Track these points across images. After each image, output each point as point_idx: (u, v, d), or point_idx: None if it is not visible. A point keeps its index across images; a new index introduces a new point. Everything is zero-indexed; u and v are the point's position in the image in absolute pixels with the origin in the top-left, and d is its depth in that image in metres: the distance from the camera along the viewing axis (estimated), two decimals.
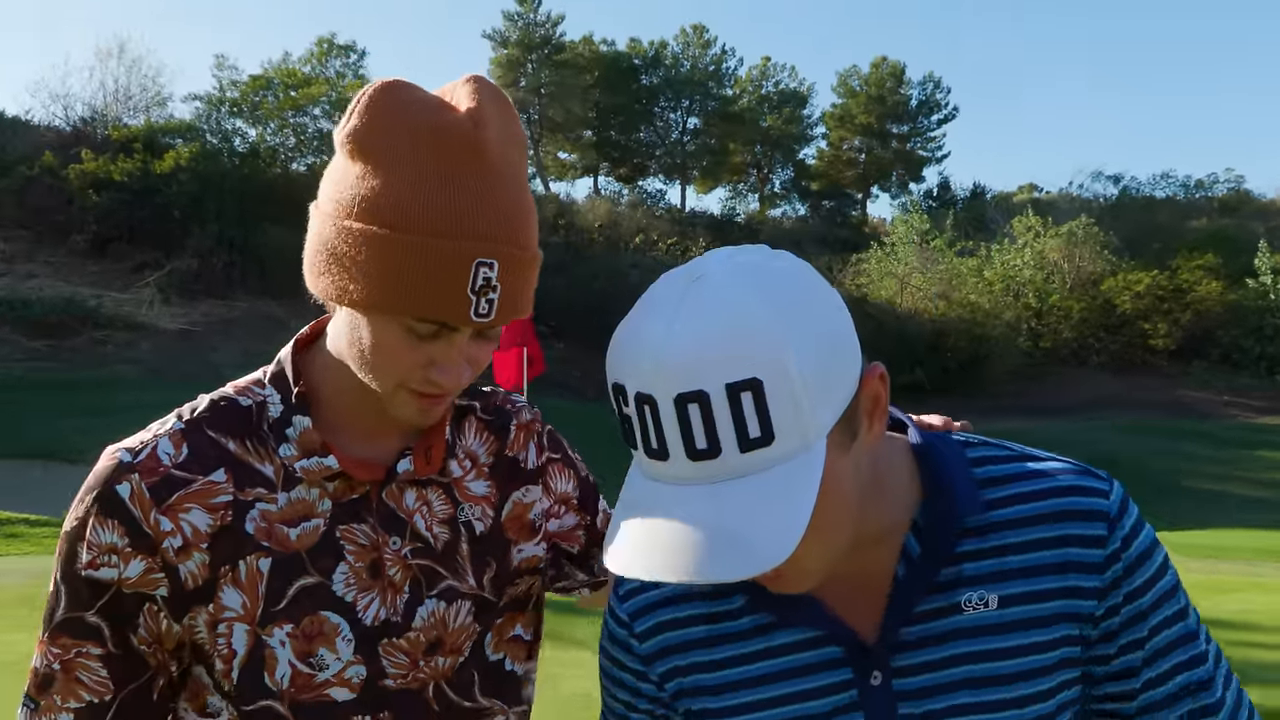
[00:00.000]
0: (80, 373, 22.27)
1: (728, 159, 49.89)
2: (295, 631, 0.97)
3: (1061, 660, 0.89)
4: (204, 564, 0.95)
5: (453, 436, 1.09)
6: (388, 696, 1.00)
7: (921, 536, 0.89)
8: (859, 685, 0.91)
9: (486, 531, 1.08)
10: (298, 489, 0.99)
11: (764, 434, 0.73)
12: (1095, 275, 37.82)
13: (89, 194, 28.12)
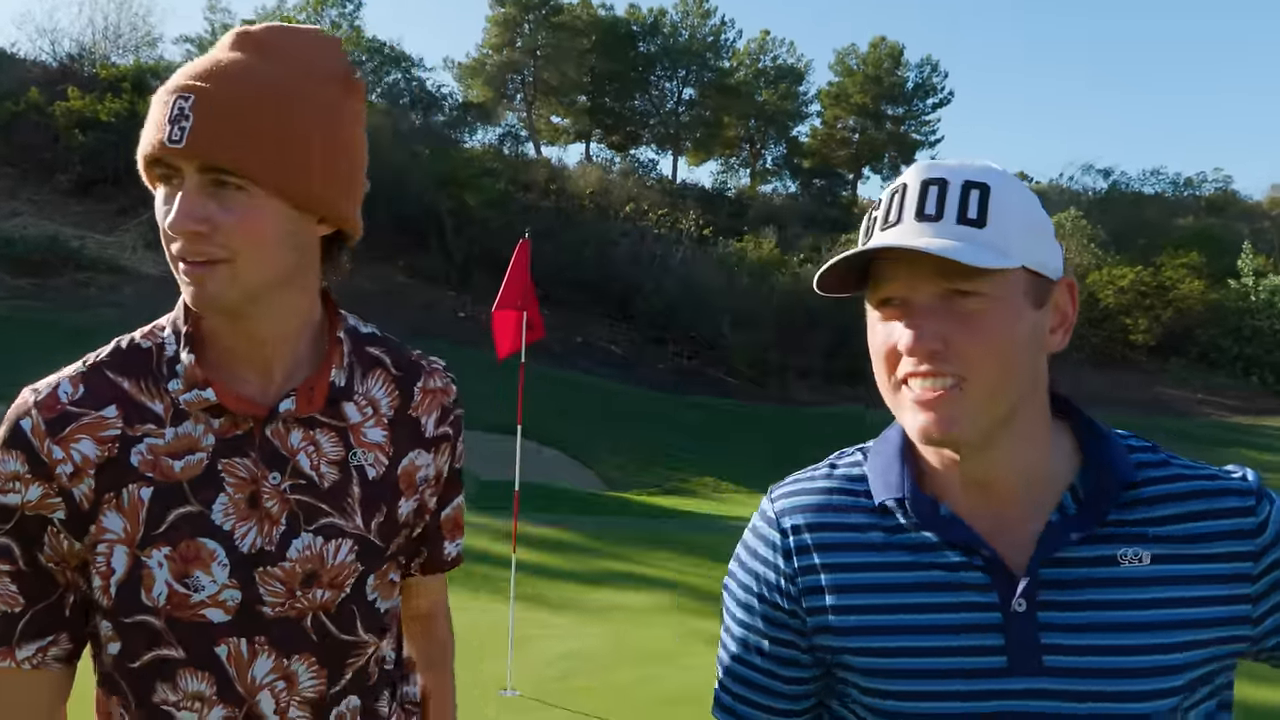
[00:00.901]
0: (63, 313, 22.05)
1: (721, 132, 49.61)
2: (173, 554, 1.04)
3: (1220, 619, 0.97)
4: (91, 489, 1.04)
5: (357, 383, 1.16)
6: (265, 622, 1.07)
7: (1078, 496, 0.99)
8: (1002, 610, 0.97)
9: (379, 478, 1.15)
10: (185, 425, 1.07)
11: (979, 219, 0.94)
12: (1081, 268, 38.02)
13: (75, 133, 27.64)
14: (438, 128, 35.35)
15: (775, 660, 1.09)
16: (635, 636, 6.78)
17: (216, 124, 0.98)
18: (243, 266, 1.02)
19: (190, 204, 1.00)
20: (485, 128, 41.66)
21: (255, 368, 1.10)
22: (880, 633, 1.01)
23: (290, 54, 1.05)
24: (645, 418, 23.46)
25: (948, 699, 0.98)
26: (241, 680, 1.07)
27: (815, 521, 1.07)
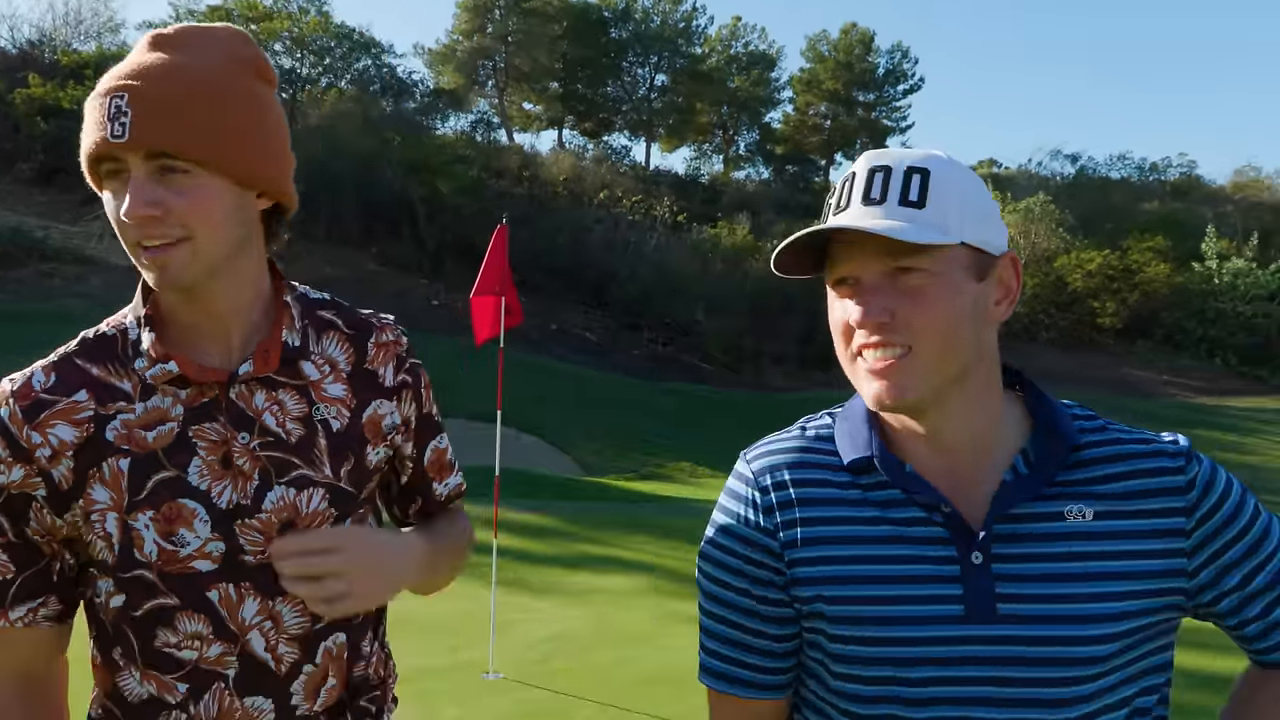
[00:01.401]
0: (27, 304, 21.72)
1: (694, 118, 49.57)
2: (156, 516, 1.14)
3: (1158, 571, 1.05)
4: (70, 469, 1.14)
5: (312, 343, 1.24)
6: (248, 569, 1.17)
7: (1029, 459, 1.08)
8: (961, 563, 1.05)
9: (343, 429, 1.23)
10: (154, 399, 1.16)
11: (919, 200, 1.02)
12: (1049, 252, 38.45)
13: (36, 121, 27.21)
14: (409, 114, 35.07)
15: (762, 619, 1.13)
16: (615, 619, 6.83)
17: (154, 115, 1.06)
18: (200, 243, 1.11)
19: (141, 191, 1.07)
20: (457, 114, 41.41)
21: (215, 339, 1.19)
22: (849, 582, 1.08)
23: (209, 48, 1.13)
24: (621, 404, 23.50)
25: (910, 644, 1.05)
26: (233, 620, 1.17)
27: (792, 478, 1.13)
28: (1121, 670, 1.05)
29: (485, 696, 5.04)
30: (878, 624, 1.06)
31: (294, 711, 1.21)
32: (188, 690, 1.17)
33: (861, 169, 1.07)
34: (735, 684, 1.15)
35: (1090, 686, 1.03)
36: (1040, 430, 1.09)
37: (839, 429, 1.14)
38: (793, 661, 1.16)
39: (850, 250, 1.05)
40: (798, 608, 1.11)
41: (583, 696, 5.11)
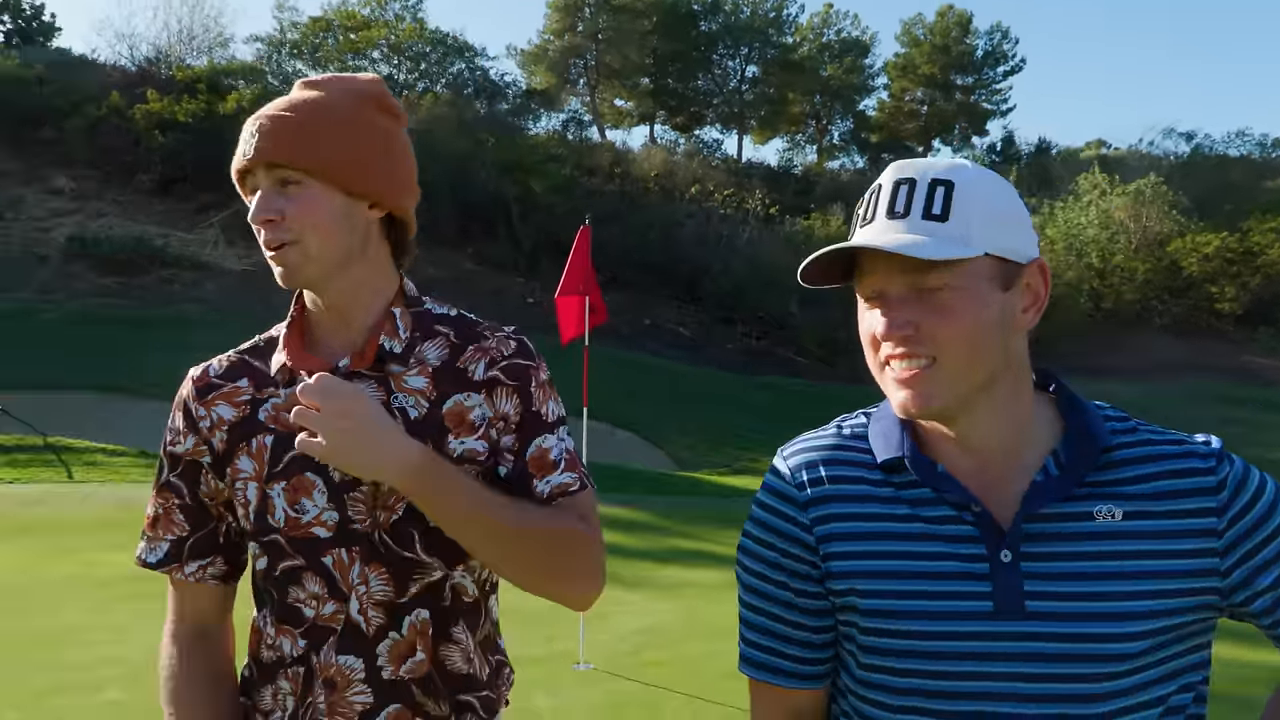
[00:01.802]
0: (150, 310, 22.92)
1: (786, 109, 49.06)
2: (287, 486, 1.32)
3: (1189, 571, 1.06)
4: (224, 440, 1.36)
5: (414, 349, 1.36)
6: (357, 536, 1.32)
7: (1060, 460, 1.09)
8: (990, 560, 1.07)
9: (421, 418, 1.33)
10: (294, 387, 1.32)
11: (942, 213, 1.04)
12: (1162, 236, 36.76)
13: (154, 134, 28.62)
14: (502, 116, 35.67)
15: (801, 611, 1.16)
16: (705, 612, 6.86)
17: (273, 135, 1.27)
18: (309, 245, 1.29)
19: (264, 200, 1.28)
20: (549, 114, 41.90)
21: (338, 337, 1.37)
22: (882, 577, 1.10)
23: (337, 87, 1.34)
24: (715, 398, 23.48)
25: (940, 639, 1.07)
26: (344, 581, 1.32)
27: (827, 475, 1.15)
28: (1154, 668, 1.05)
29: (576, 687, 5.15)
30: (908, 618, 1.08)
31: (380, 673, 1.32)
32: (307, 645, 1.33)
33: (888, 181, 1.08)
34: (775, 673, 1.19)
35: (1120, 683, 1.03)
36: (1072, 432, 1.10)
37: (873, 428, 1.16)
38: (830, 653, 1.18)
39: (875, 264, 1.07)
40: (832, 600, 1.14)
41: (671, 688, 5.17)
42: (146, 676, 5.08)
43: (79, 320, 21.45)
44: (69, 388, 16.99)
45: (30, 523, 9.40)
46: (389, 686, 1.33)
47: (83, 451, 13.12)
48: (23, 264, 23.89)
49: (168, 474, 1.40)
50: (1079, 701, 1.03)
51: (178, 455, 1.39)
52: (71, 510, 10.05)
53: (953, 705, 1.07)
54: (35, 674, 5.08)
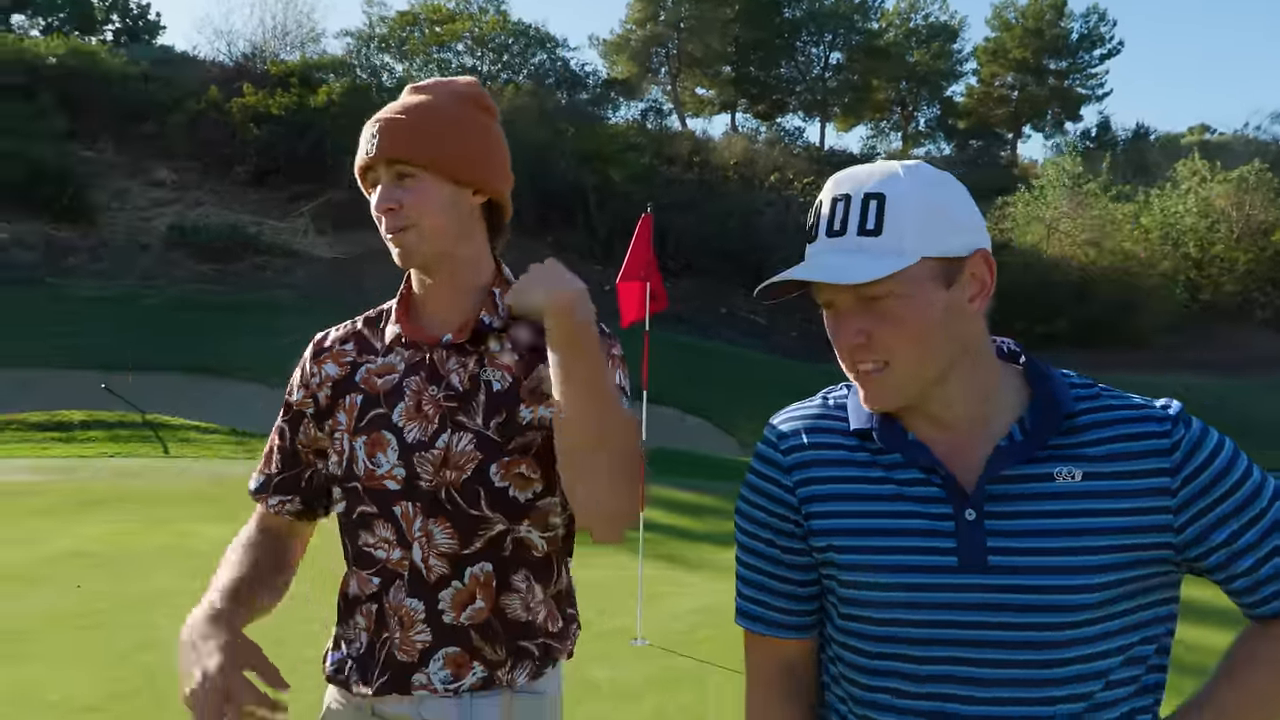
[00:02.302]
0: (244, 295, 23.88)
1: (870, 96, 48.36)
2: (367, 441, 1.50)
3: (1144, 527, 1.12)
4: (328, 396, 1.55)
5: (508, 327, 1.52)
6: (421, 492, 1.47)
7: (1025, 426, 1.16)
8: (956, 519, 1.15)
9: (502, 390, 1.49)
10: (390, 356, 1.53)
11: (876, 228, 1.11)
12: (1266, 225, 35.14)
13: (250, 127, 29.73)
14: (582, 105, 36.00)
15: (787, 566, 1.26)
16: None
17: (392, 135, 1.46)
18: (424, 229, 1.46)
19: (384, 192, 1.47)
20: (629, 103, 42.12)
21: (442, 312, 1.53)
22: (858, 534, 1.19)
23: (441, 89, 1.52)
24: (785, 386, 23.36)
25: (910, 590, 1.15)
26: (409, 531, 1.48)
27: (809, 441, 1.25)
28: (1115, 620, 1.12)
29: (632, 661, 5.29)
30: (881, 571, 1.16)
31: (441, 616, 1.47)
32: (379, 584, 1.49)
33: (826, 198, 1.16)
34: (766, 624, 1.29)
35: (1079, 632, 1.10)
36: (1037, 399, 1.17)
37: (852, 400, 1.25)
38: (815, 605, 1.28)
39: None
40: (814, 556, 1.24)
41: (725, 666, 5.27)
42: None
43: (177, 305, 22.49)
44: (165, 369, 17.85)
45: (128, 494, 9.96)
46: (449, 630, 1.46)
47: (178, 429, 13.81)
48: (127, 252, 25.14)
49: (280, 419, 1.60)
50: (1040, 649, 1.10)
51: (290, 404, 1.58)
52: (167, 484, 10.62)
53: (923, 651, 1.14)
54: (125, 632, 5.44)
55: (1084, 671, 1.11)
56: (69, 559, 7.15)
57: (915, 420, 1.19)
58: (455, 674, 1.47)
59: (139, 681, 4.64)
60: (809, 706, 1.30)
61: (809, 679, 1.31)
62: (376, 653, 1.50)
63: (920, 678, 1.15)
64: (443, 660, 1.47)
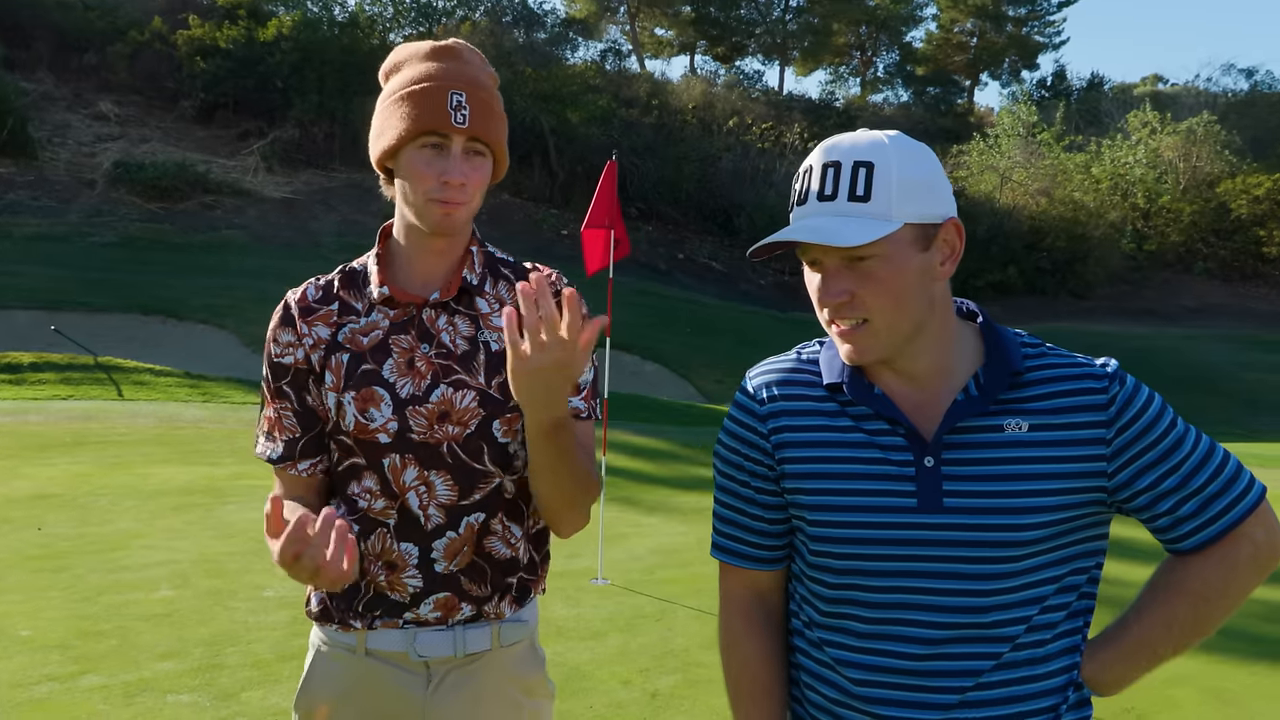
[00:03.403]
0: (193, 235, 23.40)
1: (830, 40, 48.04)
2: (356, 397, 1.55)
3: (1082, 472, 1.26)
4: (321, 357, 1.58)
5: (488, 285, 1.61)
6: (413, 445, 1.54)
7: (980, 382, 1.28)
8: (916, 465, 1.27)
9: (501, 350, 1.56)
10: (372, 315, 1.58)
11: (865, 194, 1.21)
12: (1212, 176, 35.88)
13: (196, 60, 28.82)
14: (540, 45, 35.38)
15: (759, 505, 1.39)
16: None
17: (479, 113, 1.50)
18: (474, 204, 1.54)
19: (458, 165, 1.50)
20: (587, 43, 41.48)
21: (422, 273, 1.59)
22: (826, 478, 1.31)
23: (477, 60, 1.58)
24: (743, 333, 23.64)
25: (872, 528, 1.29)
26: (395, 483, 1.54)
27: (783, 393, 1.37)
28: (1052, 553, 1.26)
29: (593, 598, 5.47)
30: (846, 511, 1.29)
31: (434, 564, 1.55)
32: (359, 531, 1.56)
33: (817, 164, 1.26)
34: (739, 557, 1.42)
35: (1022, 564, 1.25)
36: (991, 358, 1.29)
37: (824, 355, 1.37)
38: (784, 540, 1.41)
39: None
40: (785, 497, 1.36)
41: (685, 604, 5.47)
42: (195, 577, 5.50)
43: (125, 244, 21.99)
44: (115, 309, 17.53)
45: (84, 437, 9.88)
46: (439, 577, 1.55)
47: (131, 371, 13.63)
48: (70, 188, 24.42)
49: (279, 382, 1.60)
50: (987, 580, 1.24)
51: (287, 365, 1.58)
52: (122, 427, 10.54)
53: (883, 582, 1.28)
54: (93, 575, 5.49)
55: (1024, 598, 1.25)
56: (29, 501, 7.14)
57: (882, 375, 1.31)
58: (445, 614, 1.57)
59: (107, 622, 4.72)
60: (777, 630, 1.44)
61: (777, 607, 1.45)
62: (362, 590, 1.58)
63: (879, 604, 1.28)
64: (433, 604, 1.56)
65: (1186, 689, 4.45)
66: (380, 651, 1.58)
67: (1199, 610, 1.28)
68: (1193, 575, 1.29)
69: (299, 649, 4.49)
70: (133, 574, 5.53)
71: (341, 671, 1.60)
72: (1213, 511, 1.26)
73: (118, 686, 3.98)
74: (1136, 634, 1.30)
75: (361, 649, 1.58)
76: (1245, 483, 1.28)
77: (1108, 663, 1.31)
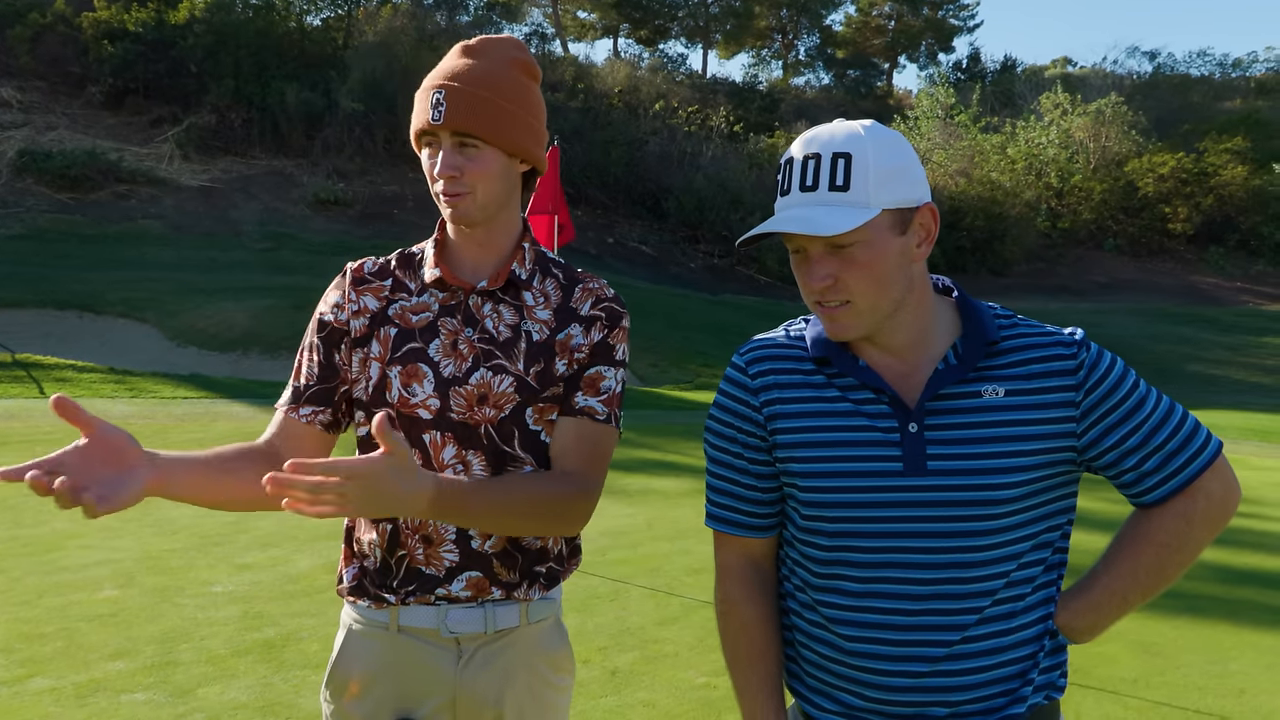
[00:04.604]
0: (108, 226, 22.58)
1: (752, 23, 48.46)
2: (403, 372, 1.61)
3: (1054, 434, 1.35)
4: (364, 325, 1.65)
5: (536, 281, 1.68)
6: (452, 424, 1.60)
7: (958, 352, 1.37)
8: (901, 431, 1.36)
9: (541, 341, 1.63)
10: (424, 296, 1.65)
11: (844, 184, 1.29)
12: (1120, 156, 37.21)
13: (103, 44, 27.73)
14: (463, 29, 34.88)
15: (752, 475, 1.47)
16: (667, 516, 7.27)
17: (459, 106, 1.54)
18: (479, 195, 1.58)
19: (447, 158, 1.57)
20: (511, 26, 40.99)
21: (473, 261, 1.66)
22: (815, 446, 1.40)
23: (495, 53, 1.61)
24: (677, 316, 23.79)
25: (860, 491, 1.37)
26: (435, 459, 1.60)
27: (773, 367, 1.45)
28: (1028, 512, 1.36)
29: None
30: (836, 476, 1.37)
31: (470, 541, 1.60)
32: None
33: (798, 155, 1.34)
34: (733, 525, 1.50)
35: (1000, 523, 1.34)
36: (968, 330, 1.39)
37: (810, 331, 1.45)
38: (775, 509, 1.49)
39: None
40: (777, 465, 1.44)
41: (634, 583, 5.56)
42: (139, 575, 5.39)
43: (34, 236, 21.13)
44: (29, 304, 16.86)
45: (6, 437, 9.54)
46: (474, 555, 1.59)
47: (52, 368, 13.16)
48: None
49: (314, 336, 1.67)
50: (969, 537, 1.33)
51: (328, 322, 1.66)
52: (46, 425, 10.19)
53: (872, 543, 1.35)
54: (31, 578, 5.34)
55: (1003, 554, 1.35)
56: None
57: (866, 348, 1.40)
58: (476, 594, 1.61)
59: (50, 624, 4.61)
60: (771, 595, 1.52)
61: (770, 573, 1.53)
62: (394, 567, 1.61)
63: (869, 564, 1.37)
64: (465, 582, 1.61)
65: (1117, 644, 4.71)
66: (412, 628, 1.62)
67: (1163, 558, 1.39)
68: (1156, 527, 1.40)
69: (253, 643, 4.46)
70: (73, 574, 5.40)
71: (373, 649, 1.63)
72: (1173, 466, 1.37)
73: (68, 688, 3.90)
74: (1106, 584, 1.41)
75: (394, 625, 1.62)
76: (1203, 439, 1.39)
77: (1080, 611, 1.41)
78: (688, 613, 5.10)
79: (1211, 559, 6.34)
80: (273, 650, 4.37)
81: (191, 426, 10.57)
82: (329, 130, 28.48)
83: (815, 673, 1.44)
